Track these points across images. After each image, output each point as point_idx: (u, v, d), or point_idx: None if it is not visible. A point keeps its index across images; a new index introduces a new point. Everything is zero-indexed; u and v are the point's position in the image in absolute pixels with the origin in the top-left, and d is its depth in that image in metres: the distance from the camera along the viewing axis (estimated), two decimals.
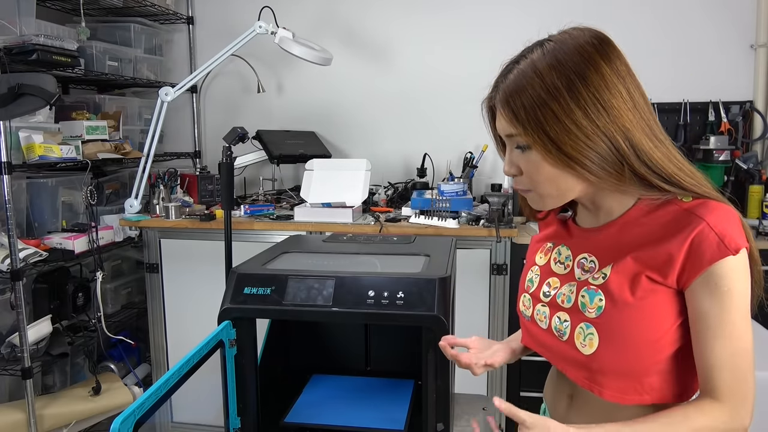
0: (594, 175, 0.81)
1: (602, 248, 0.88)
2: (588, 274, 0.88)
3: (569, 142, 0.79)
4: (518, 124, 0.82)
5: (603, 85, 0.79)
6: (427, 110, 2.84)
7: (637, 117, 0.80)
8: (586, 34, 0.82)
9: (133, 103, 2.80)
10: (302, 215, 2.30)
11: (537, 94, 0.79)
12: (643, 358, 0.82)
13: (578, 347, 0.86)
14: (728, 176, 2.45)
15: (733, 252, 0.76)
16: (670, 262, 0.79)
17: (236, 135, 1.94)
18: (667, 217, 0.82)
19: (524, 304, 0.99)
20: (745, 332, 0.78)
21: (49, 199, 2.31)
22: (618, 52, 0.82)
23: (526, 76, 0.81)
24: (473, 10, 2.76)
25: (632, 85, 0.81)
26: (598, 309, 0.84)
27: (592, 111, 0.78)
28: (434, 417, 1.13)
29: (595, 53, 0.80)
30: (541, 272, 0.97)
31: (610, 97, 0.79)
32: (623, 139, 0.79)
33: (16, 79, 1.90)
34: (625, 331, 0.81)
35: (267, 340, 1.41)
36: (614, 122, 0.79)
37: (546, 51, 0.82)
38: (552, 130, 0.79)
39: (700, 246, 0.77)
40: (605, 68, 0.80)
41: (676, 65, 2.61)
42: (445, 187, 2.29)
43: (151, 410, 0.87)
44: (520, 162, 0.86)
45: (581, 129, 0.78)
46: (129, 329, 2.65)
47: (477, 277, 2.18)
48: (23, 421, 2.02)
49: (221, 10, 3.00)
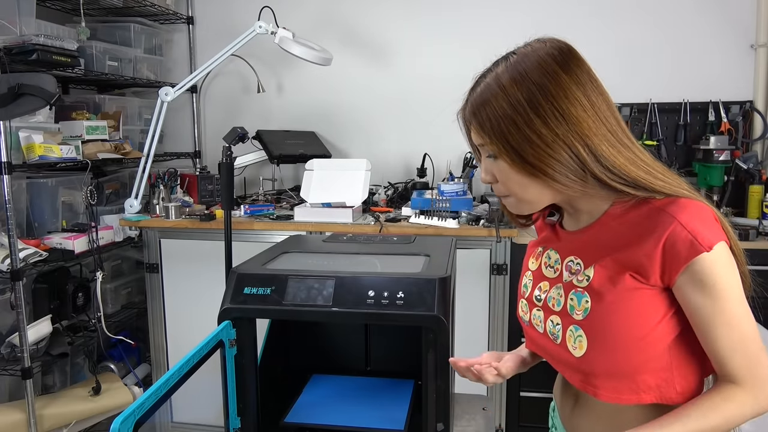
0: (558, 183, 0.83)
1: (586, 250, 0.89)
2: (574, 276, 0.89)
3: (531, 152, 0.82)
4: (485, 135, 0.85)
5: (562, 94, 0.81)
6: (427, 110, 2.84)
7: (598, 123, 0.82)
8: (547, 46, 0.85)
9: (133, 103, 2.80)
10: (302, 215, 2.30)
11: (500, 106, 0.83)
12: (631, 357, 0.82)
13: (570, 350, 0.87)
14: (728, 176, 2.44)
15: (706, 249, 0.77)
16: (649, 263, 0.80)
17: (236, 135, 1.94)
18: (641, 217, 0.83)
19: (522, 309, 1.00)
20: (744, 317, 0.79)
21: (49, 199, 2.31)
22: (579, 60, 0.85)
23: (490, 90, 0.85)
24: (473, 10, 2.76)
25: (593, 93, 0.83)
26: (584, 311, 0.85)
27: (551, 120, 0.81)
28: (434, 417, 1.13)
29: (554, 64, 0.83)
30: (534, 277, 0.99)
31: (568, 105, 0.81)
32: (582, 146, 0.81)
33: (16, 79, 1.90)
34: (612, 330, 0.82)
35: (267, 340, 1.41)
36: (573, 130, 0.81)
37: (509, 64, 0.85)
38: (514, 140, 0.82)
39: (674, 246, 0.78)
40: (564, 78, 0.82)
41: (676, 65, 2.61)
42: (445, 187, 2.29)
43: (151, 410, 0.87)
44: (494, 170, 0.89)
45: (542, 138, 0.81)
46: (129, 329, 2.65)
47: (477, 277, 2.18)
48: (23, 421, 2.02)
49: (221, 10, 3.00)
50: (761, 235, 2.18)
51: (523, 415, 2.26)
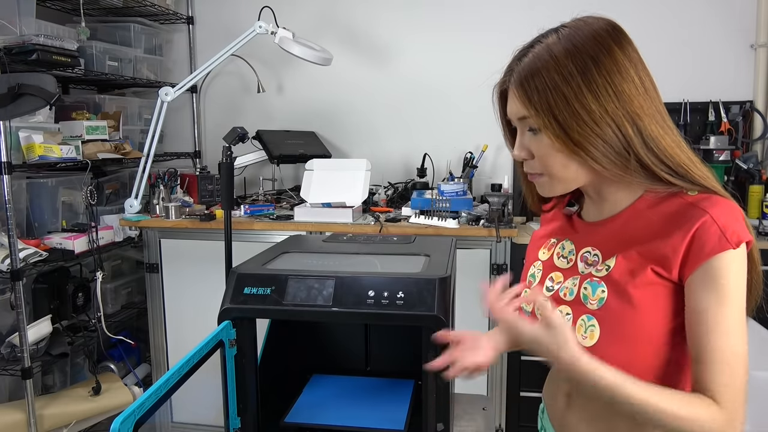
0: (599, 164, 0.81)
1: (606, 241, 0.89)
2: (591, 267, 0.88)
3: (576, 128, 0.80)
4: (531, 107, 0.83)
5: (615, 69, 0.80)
6: (427, 110, 2.84)
7: (648, 103, 0.81)
8: (601, 22, 0.85)
9: (133, 103, 2.80)
10: (302, 215, 2.30)
11: (551, 77, 0.80)
12: (639, 353, 0.81)
13: (579, 339, 0.86)
14: (728, 176, 2.44)
15: (734, 245, 0.76)
16: (673, 254, 0.79)
17: (236, 135, 1.94)
18: (672, 211, 0.82)
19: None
20: (741, 335, 0.77)
21: (49, 199, 2.31)
22: (630, 40, 0.85)
23: (541, 60, 0.82)
24: (473, 11, 2.76)
25: (643, 73, 0.83)
26: (600, 300, 0.84)
27: (602, 95, 0.79)
28: (434, 417, 1.13)
29: (609, 39, 0.82)
30: (544, 267, 0.98)
31: (621, 81, 0.80)
32: (631, 125, 0.80)
33: (16, 79, 1.90)
34: (626, 322, 0.81)
35: (267, 340, 1.41)
36: (623, 107, 0.80)
37: (561, 36, 0.83)
38: (561, 115, 0.80)
39: (702, 238, 0.77)
40: (619, 54, 0.81)
41: (676, 65, 2.61)
42: (445, 187, 2.29)
43: (151, 410, 0.87)
44: (532, 145, 0.87)
45: (590, 113, 0.79)
46: (129, 329, 2.65)
47: (477, 277, 2.18)
48: (23, 421, 2.02)
49: (221, 10, 3.00)
50: (761, 235, 2.18)
51: (523, 415, 2.26)
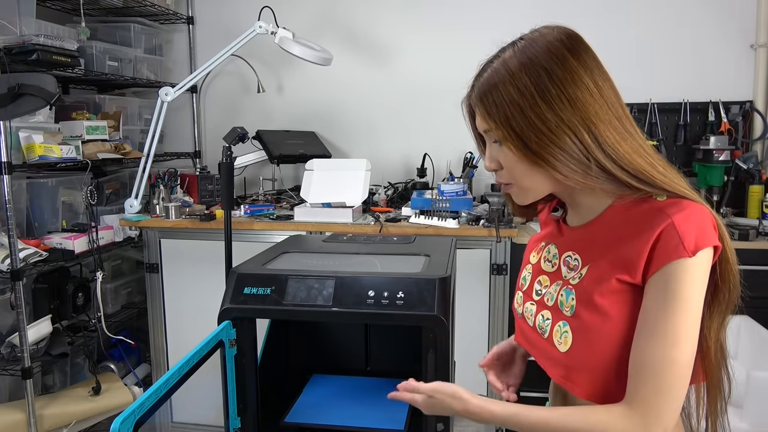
0: (560, 173, 0.82)
1: (584, 246, 0.90)
2: (573, 272, 0.89)
3: (534, 138, 0.81)
4: (491, 120, 0.85)
5: (569, 78, 0.81)
6: (427, 110, 2.84)
7: (604, 109, 0.81)
8: (555, 32, 0.85)
9: (133, 103, 2.80)
10: (302, 215, 2.30)
11: (507, 90, 0.82)
12: (613, 358, 0.82)
13: (555, 344, 0.87)
14: (728, 176, 2.44)
15: (689, 253, 0.76)
16: (638, 258, 0.79)
17: (236, 135, 1.94)
18: (640, 216, 0.82)
19: (517, 301, 1.01)
20: (684, 343, 0.76)
21: (49, 199, 2.31)
22: (586, 46, 0.85)
23: (498, 74, 0.84)
24: (473, 10, 2.76)
25: (601, 78, 0.83)
26: (571, 308, 0.86)
27: (556, 104, 0.80)
28: (434, 417, 1.13)
29: (563, 48, 0.83)
30: (533, 270, 1.00)
31: (575, 89, 0.80)
32: (587, 132, 0.80)
33: (16, 79, 1.90)
34: (594, 330, 0.82)
35: (267, 340, 1.41)
36: (578, 114, 0.80)
37: (517, 49, 0.85)
38: (518, 126, 0.82)
39: (661, 243, 0.77)
40: (572, 61, 0.82)
41: (676, 65, 2.61)
42: (445, 187, 2.29)
43: (151, 410, 0.87)
44: (499, 157, 0.89)
45: (546, 123, 0.80)
46: (129, 329, 2.65)
47: (477, 277, 2.18)
48: (23, 421, 2.02)
49: (221, 10, 3.00)
50: (761, 235, 2.18)
51: None
